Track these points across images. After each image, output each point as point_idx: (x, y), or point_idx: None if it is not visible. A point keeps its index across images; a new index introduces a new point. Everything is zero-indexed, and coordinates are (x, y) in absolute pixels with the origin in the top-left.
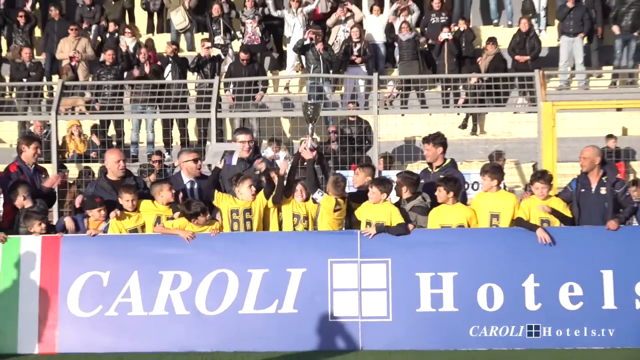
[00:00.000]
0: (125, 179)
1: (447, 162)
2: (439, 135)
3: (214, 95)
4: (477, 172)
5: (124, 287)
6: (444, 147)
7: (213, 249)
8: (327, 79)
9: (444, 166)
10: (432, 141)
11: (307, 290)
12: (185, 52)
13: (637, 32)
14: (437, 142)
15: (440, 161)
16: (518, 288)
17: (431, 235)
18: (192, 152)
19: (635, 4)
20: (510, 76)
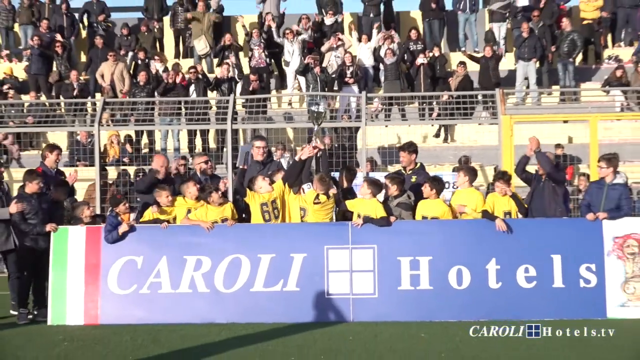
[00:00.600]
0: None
1: (417, 165)
2: (411, 145)
3: (229, 109)
4: (449, 173)
5: (154, 269)
6: (415, 154)
7: (229, 238)
8: (323, 96)
9: (415, 169)
10: (407, 149)
11: (307, 271)
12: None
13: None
14: (411, 150)
15: (413, 165)
16: (482, 270)
17: (410, 225)
18: (203, 155)
19: (570, 34)
20: (475, 94)
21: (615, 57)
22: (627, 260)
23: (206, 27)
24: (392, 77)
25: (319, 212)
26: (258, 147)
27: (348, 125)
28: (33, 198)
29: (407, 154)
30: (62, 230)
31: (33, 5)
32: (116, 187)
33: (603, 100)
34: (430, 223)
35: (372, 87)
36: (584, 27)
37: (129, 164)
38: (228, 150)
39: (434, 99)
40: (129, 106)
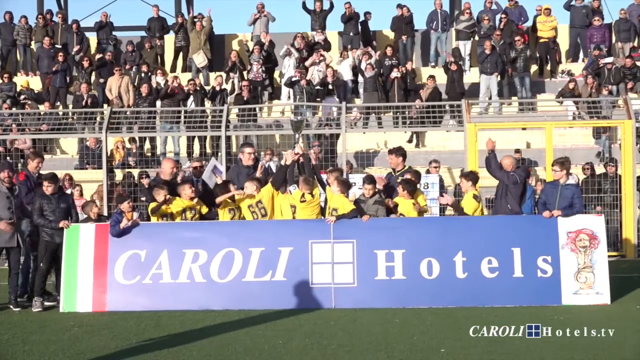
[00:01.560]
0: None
1: (405, 167)
2: (400, 149)
3: (224, 118)
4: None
5: (156, 262)
6: (403, 157)
7: (223, 233)
8: (308, 106)
9: (403, 171)
10: (395, 153)
11: (293, 263)
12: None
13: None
14: (399, 154)
15: (401, 167)
16: (450, 261)
17: (386, 222)
18: (196, 160)
19: (524, 51)
20: (443, 104)
21: (568, 71)
22: (579, 253)
23: (203, 41)
24: (370, 89)
25: (306, 210)
26: (249, 153)
27: (330, 132)
28: (53, 198)
29: (395, 157)
30: (74, 227)
31: (47, 24)
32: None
33: (557, 110)
34: (404, 220)
35: (351, 98)
36: (540, 44)
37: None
38: (222, 155)
39: (407, 109)
40: (134, 115)
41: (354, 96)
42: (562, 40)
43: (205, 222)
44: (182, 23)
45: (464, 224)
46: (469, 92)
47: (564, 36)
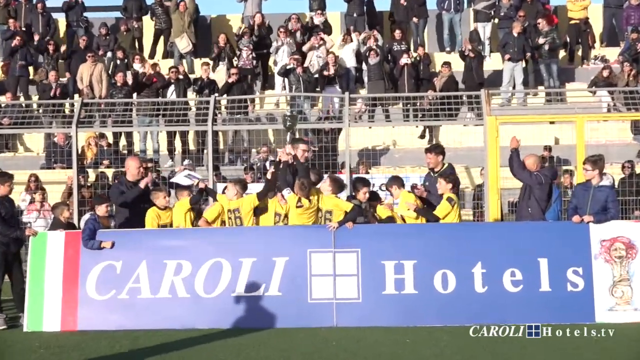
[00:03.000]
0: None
1: (445, 166)
2: (438, 146)
3: (210, 111)
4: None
5: (134, 274)
6: (443, 155)
7: (210, 241)
8: (306, 97)
9: (443, 170)
10: (434, 151)
11: (290, 276)
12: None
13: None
14: (438, 152)
15: (440, 166)
16: (468, 273)
17: (394, 228)
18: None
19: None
20: (460, 94)
21: (602, 57)
22: (614, 264)
23: (187, 24)
24: (375, 78)
25: (302, 216)
26: (303, 150)
27: (330, 127)
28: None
29: (434, 155)
30: (41, 235)
31: (9, 4)
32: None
33: (590, 101)
34: (415, 226)
35: (354, 88)
36: (570, 26)
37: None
38: (209, 152)
39: (418, 100)
40: (108, 107)
41: (358, 86)
42: (595, 21)
43: (189, 229)
44: (163, 3)
45: (484, 231)
46: (489, 81)
47: (597, 17)
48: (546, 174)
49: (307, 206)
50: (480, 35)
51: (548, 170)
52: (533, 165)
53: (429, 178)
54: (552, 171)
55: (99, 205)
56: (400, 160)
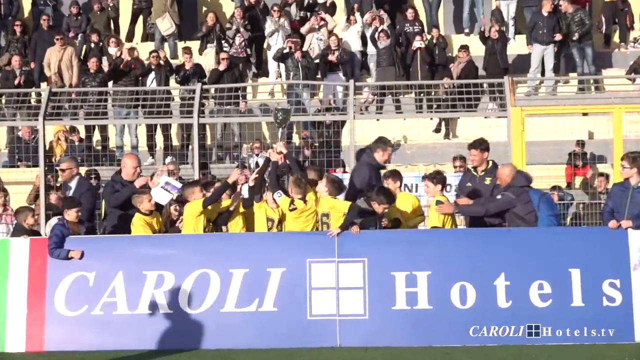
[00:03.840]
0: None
1: (490, 165)
2: (483, 141)
3: (196, 101)
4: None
5: (109, 287)
6: (487, 151)
7: (195, 250)
8: (305, 85)
9: (488, 169)
10: (479, 147)
11: (287, 289)
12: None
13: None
14: (483, 148)
15: (485, 165)
16: (490, 286)
17: (405, 235)
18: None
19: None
20: (480, 82)
21: None
22: None
23: (169, 2)
24: (385, 63)
25: (298, 220)
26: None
27: (333, 119)
28: None
29: (480, 152)
30: (2, 242)
31: None
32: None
33: (628, 90)
34: (428, 232)
35: (360, 75)
36: (606, 5)
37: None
38: (194, 148)
39: (433, 88)
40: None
41: (364, 72)
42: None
43: (171, 236)
44: None
45: (508, 238)
46: (514, 67)
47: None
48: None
49: (302, 208)
50: (504, 15)
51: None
52: (508, 177)
53: (470, 177)
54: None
55: (68, 209)
56: (412, 157)
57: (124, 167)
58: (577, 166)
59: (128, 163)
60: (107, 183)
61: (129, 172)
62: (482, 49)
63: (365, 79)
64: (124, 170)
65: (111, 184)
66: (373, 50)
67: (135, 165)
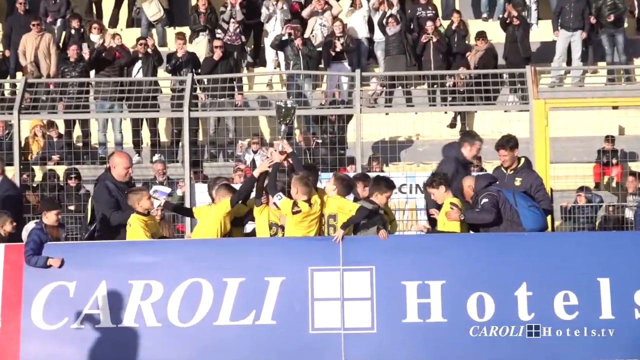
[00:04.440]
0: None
1: (522, 162)
2: (511, 138)
3: (186, 93)
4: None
5: (91, 298)
6: (518, 148)
7: (186, 257)
8: (307, 75)
9: (519, 168)
10: (507, 145)
11: (287, 300)
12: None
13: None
14: (512, 145)
15: (517, 162)
16: (510, 297)
17: (417, 240)
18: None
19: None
20: (500, 72)
21: None
22: None
23: None
24: (394, 51)
25: (301, 225)
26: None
27: (338, 113)
28: None
29: (510, 151)
30: None
31: None
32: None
33: None
34: (444, 237)
35: (368, 65)
36: None
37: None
38: (185, 145)
39: (448, 79)
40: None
41: (372, 62)
42: None
43: (160, 241)
44: None
45: (530, 243)
46: (537, 56)
47: None
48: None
49: (307, 212)
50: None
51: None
52: (469, 187)
53: (501, 176)
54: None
55: (48, 211)
56: (424, 155)
57: (114, 167)
58: (606, 164)
59: (119, 163)
60: (100, 186)
61: (120, 172)
62: (502, 35)
63: (372, 69)
64: (115, 171)
65: (104, 187)
66: (381, 37)
67: (127, 166)
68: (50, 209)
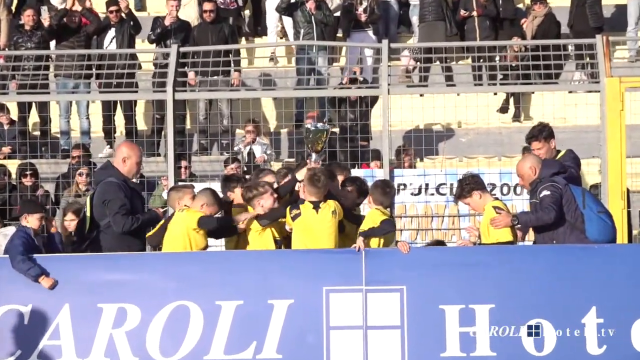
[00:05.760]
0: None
1: (561, 154)
2: (544, 128)
3: (170, 69)
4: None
5: (51, 326)
6: (554, 138)
7: (170, 274)
8: (321, 48)
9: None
10: (539, 136)
11: (296, 328)
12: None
13: None
14: (546, 135)
15: (554, 155)
16: (576, 325)
17: (459, 254)
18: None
19: None
20: (564, 44)
21: None
22: None
23: None
24: (431, 17)
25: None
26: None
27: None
28: None
29: (543, 142)
30: None
31: None
32: None
33: None
34: (491, 250)
35: (397, 34)
36: None
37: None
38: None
39: (498, 53)
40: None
41: (403, 30)
42: None
43: (136, 255)
44: None
45: (601, 258)
46: (610, 24)
47: None
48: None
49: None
50: None
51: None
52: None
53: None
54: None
55: (30, 214)
56: (468, 147)
57: (123, 162)
58: None
59: (131, 156)
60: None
61: (130, 168)
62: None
63: (404, 39)
64: (125, 166)
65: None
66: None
67: (139, 160)
68: (33, 211)
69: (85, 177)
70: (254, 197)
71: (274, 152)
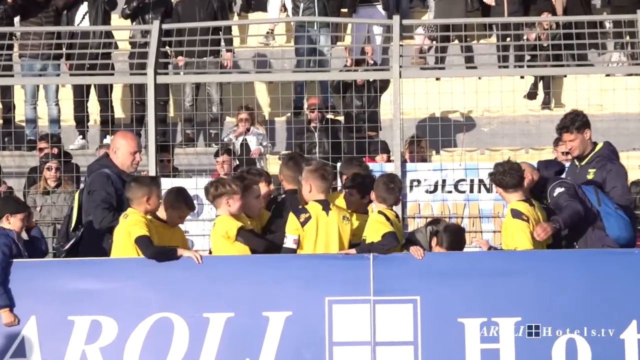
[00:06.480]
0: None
1: (599, 147)
2: (577, 116)
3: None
4: None
5: (15, 341)
6: (589, 128)
7: (151, 282)
8: (324, 25)
9: (596, 153)
10: (571, 127)
11: (294, 343)
12: None
13: None
14: (580, 125)
15: (590, 148)
16: (614, 340)
17: (480, 260)
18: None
19: None
20: (600, 20)
21: None
22: None
23: None
24: None
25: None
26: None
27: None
28: None
29: (575, 134)
30: None
31: None
32: None
33: None
34: (516, 256)
35: (410, 9)
36: None
37: None
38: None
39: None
40: None
41: (416, 5)
42: None
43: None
44: None
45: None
46: None
47: None
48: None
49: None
50: None
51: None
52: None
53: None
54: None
55: (12, 214)
56: (492, 138)
57: (114, 152)
58: None
59: (122, 145)
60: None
61: (124, 160)
62: None
63: (418, 15)
64: (117, 157)
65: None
66: None
67: (134, 150)
68: (15, 210)
69: (55, 172)
70: (223, 194)
71: (270, 144)
